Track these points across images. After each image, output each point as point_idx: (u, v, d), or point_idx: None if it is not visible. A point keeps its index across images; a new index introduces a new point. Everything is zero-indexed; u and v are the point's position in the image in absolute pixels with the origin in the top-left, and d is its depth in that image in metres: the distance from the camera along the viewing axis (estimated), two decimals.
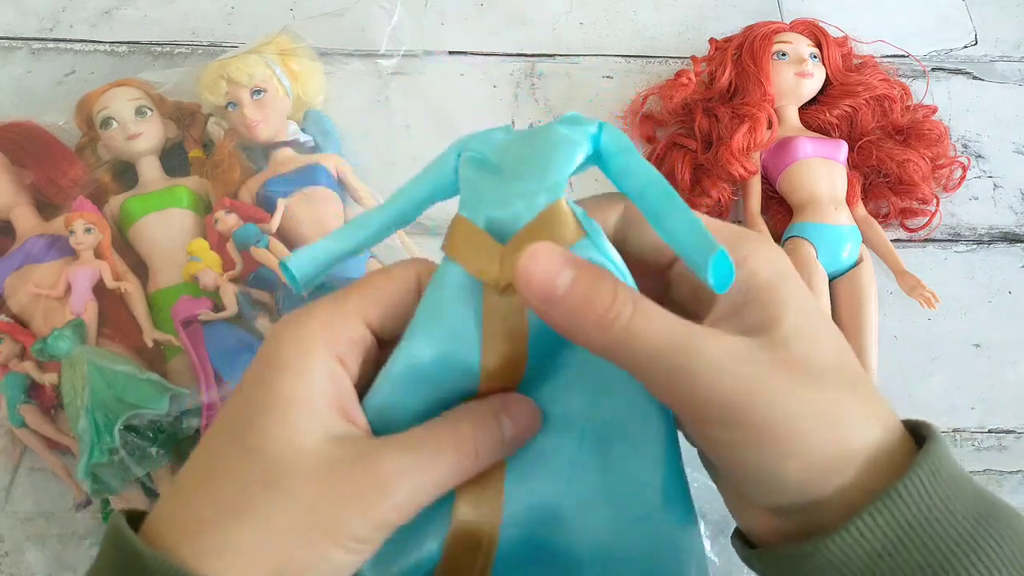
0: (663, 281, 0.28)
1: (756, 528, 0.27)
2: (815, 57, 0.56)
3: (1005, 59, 0.63)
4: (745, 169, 0.53)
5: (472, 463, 0.24)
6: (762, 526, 0.26)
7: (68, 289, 0.47)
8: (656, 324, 0.23)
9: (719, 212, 0.54)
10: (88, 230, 0.48)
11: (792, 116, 0.56)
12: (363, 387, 0.25)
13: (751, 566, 0.27)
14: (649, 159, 0.57)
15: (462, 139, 0.27)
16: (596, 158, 0.26)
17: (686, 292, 0.27)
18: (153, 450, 0.43)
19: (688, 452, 0.27)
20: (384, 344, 0.26)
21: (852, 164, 0.55)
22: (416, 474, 0.23)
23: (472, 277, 0.25)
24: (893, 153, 0.54)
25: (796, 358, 0.23)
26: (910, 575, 0.22)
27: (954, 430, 0.49)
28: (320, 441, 0.23)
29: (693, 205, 0.55)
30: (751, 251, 0.24)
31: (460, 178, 0.26)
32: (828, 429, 0.23)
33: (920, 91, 0.60)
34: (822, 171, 0.53)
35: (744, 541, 0.27)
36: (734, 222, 0.55)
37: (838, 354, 0.24)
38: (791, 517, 0.25)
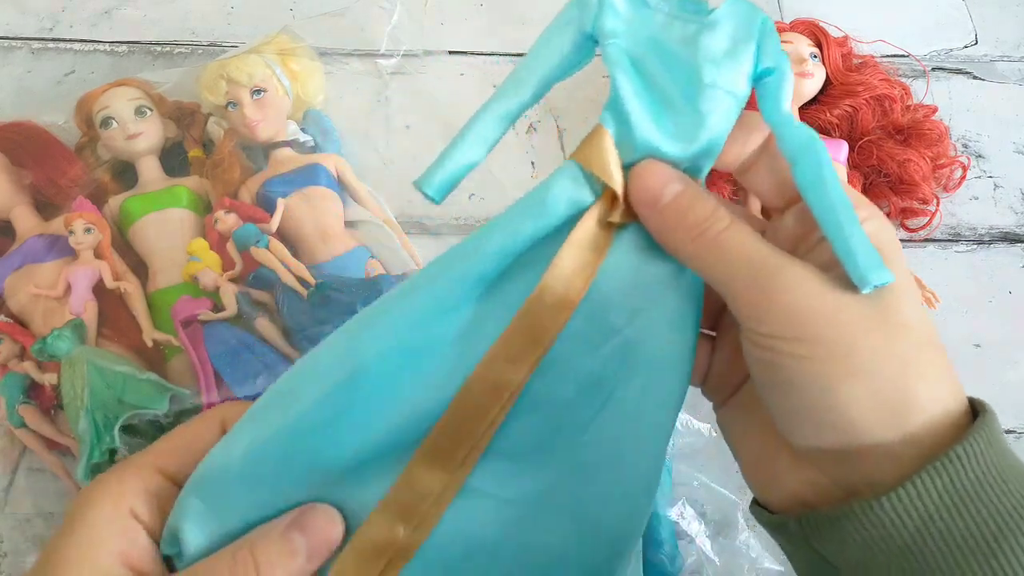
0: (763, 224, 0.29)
1: (783, 490, 0.26)
2: (815, 57, 0.56)
3: (1005, 59, 0.63)
4: None
5: None
6: (792, 487, 0.26)
7: (68, 289, 0.47)
8: (748, 239, 0.24)
9: None
10: (88, 230, 0.48)
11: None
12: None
13: (781, 532, 0.26)
14: None
15: (580, 3, 0.26)
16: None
17: (788, 238, 0.27)
18: None
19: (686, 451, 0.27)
20: None
21: (852, 164, 0.55)
22: None
23: (584, 192, 0.26)
24: (893, 153, 0.54)
25: (885, 305, 0.24)
26: (961, 542, 0.22)
27: None
28: None
29: None
30: (866, 216, 0.25)
31: (611, 76, 0.26)
32: (901, 371, 0.23)
33: (920, 91, 0.60)
34: None
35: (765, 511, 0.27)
36: None
37: (924, 320, 0.24)
38: (832, 470, 0.25)
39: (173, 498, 0.26)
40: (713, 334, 0.30)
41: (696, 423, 0.47)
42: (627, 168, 0.26)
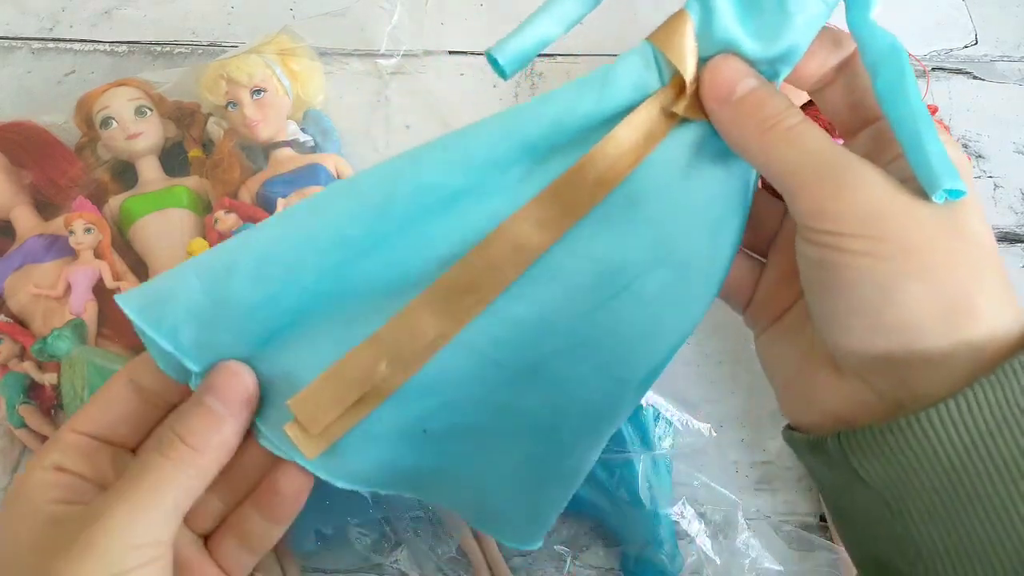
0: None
1: (822, 409, 0.26)
2: None
3: (1005, 59, 0.63)
4: None
5: (201, 459, 0.25)
6: (832, 404, 0.25)
7: (68, 289, 0.47)
8: (820, 136, 0.24)
9: None
10: (88, 230, 0.48)
11: None
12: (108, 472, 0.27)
13: (817, 453, 0.26)
14: None
15: None
16: None
17: (865, 154, 0.26)
18: None
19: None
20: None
21: None
22: (132, 510, 0.24)
23: (652, 76, 0.26)
24: None
25: (955, 215, 0.23)
26: (1011, 463, 0.21)
27: None
28: (36, 528, 0.25)
29: None
30: (944, 140, 0.24)
31: None
32: (964, 279, 0.22)
33: (921, 91, 0.60)
34: None
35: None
36: None
37: (991, 240, 0.24)
38: (879, 380, 0.24)
39: (97, 450, 0.27)
40: (763, 260, 0.30)
41: (696, 423, 0.47)
42: (702, 61, 0.26)
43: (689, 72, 0.25)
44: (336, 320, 0.27)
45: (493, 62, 0.27)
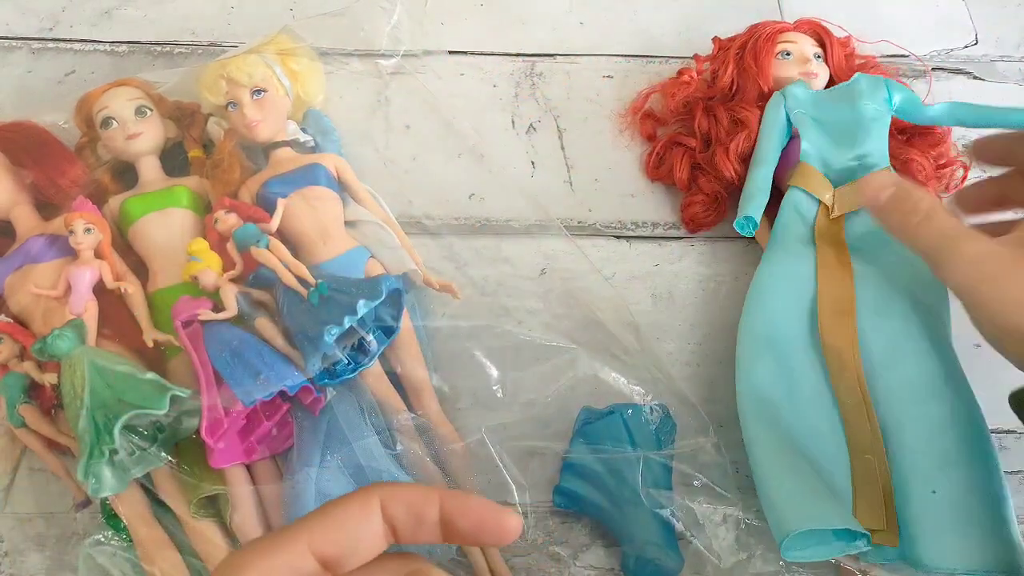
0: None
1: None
2: (819, 57, 0.56)
3: (1005, 59, 0.63)
4: (737, 173, 0.53)
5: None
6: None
7: (68, 289, 0.47)
8: (939, 219, 0.39)
9: (718, 212, 0.54)
10: (88, 230, 0.48)
11: None
12: None
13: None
14: (649, 158, 0.57)
15: (777, 99, 0.52)
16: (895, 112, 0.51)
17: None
18: (153, 450, 0.43)
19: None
20: None
21: None
22: None
23: (810, 197, 0.49)
24: (896, 152, 0.54)
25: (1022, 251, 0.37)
26: None
27: None
28: None
29: (689, 203, 0.55)
30: None
31: (801, 134, 0.50)
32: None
33: (922, 91, 0.60)
34: None
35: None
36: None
37: None
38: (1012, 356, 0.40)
39: None
40: None
41: (696, 423, 0.47)
42: (832, 179, 0.49)
43: (827, 193, 0.49)
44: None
45: (747, 224, 0.49)
